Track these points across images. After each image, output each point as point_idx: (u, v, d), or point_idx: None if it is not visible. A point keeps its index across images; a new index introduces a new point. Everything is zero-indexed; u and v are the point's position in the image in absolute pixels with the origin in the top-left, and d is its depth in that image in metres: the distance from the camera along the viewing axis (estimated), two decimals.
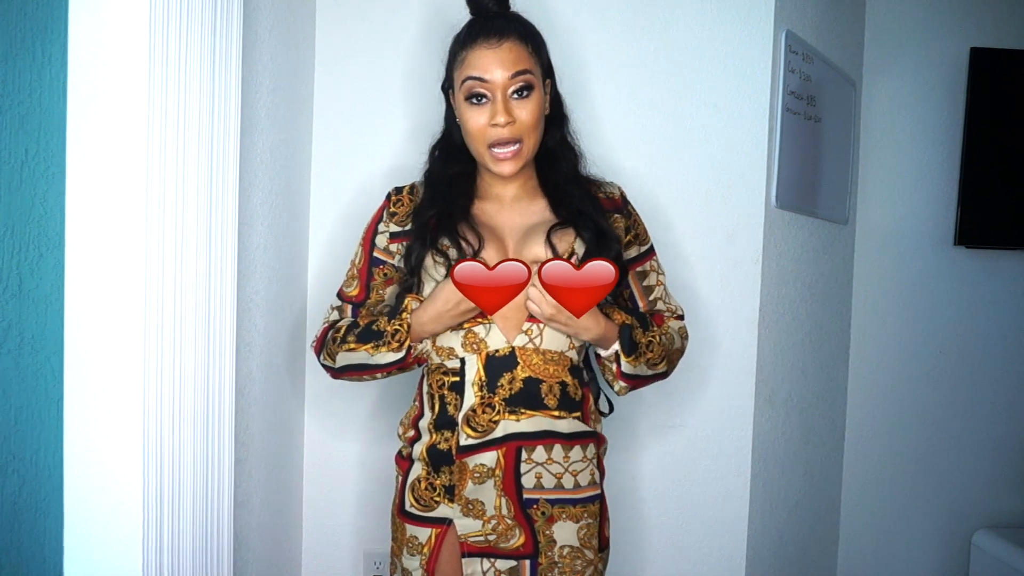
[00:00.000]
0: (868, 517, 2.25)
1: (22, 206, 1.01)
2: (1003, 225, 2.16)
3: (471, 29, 1.24)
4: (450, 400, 1.25)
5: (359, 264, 1.33)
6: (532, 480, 1.24)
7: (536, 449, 1.23)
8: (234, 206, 1.21)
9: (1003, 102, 2.13)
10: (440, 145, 1.34)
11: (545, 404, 1.23)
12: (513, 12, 1.27)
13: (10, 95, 0.99)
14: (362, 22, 1.66)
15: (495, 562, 1.25)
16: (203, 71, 1.12)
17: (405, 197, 1.32)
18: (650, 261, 1.35)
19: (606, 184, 1.35)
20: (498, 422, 1.22)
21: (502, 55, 1.19)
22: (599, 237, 1.24)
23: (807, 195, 1.87)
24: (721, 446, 1.69)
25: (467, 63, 1.21)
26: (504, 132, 1.21)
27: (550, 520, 1.24)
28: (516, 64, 1.20)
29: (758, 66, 1.65)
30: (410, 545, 1.27)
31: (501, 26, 1.21)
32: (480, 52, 1.20)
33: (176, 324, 1.10)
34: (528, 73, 1.21)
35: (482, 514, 1.24)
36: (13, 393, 1.02)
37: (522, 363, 1.23)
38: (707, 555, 1.70)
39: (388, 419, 1.69)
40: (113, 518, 1.06)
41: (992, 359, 2.22)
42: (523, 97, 1.21)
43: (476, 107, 1.22)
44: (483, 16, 1.24)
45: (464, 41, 1.23)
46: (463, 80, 1.22)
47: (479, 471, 1.23)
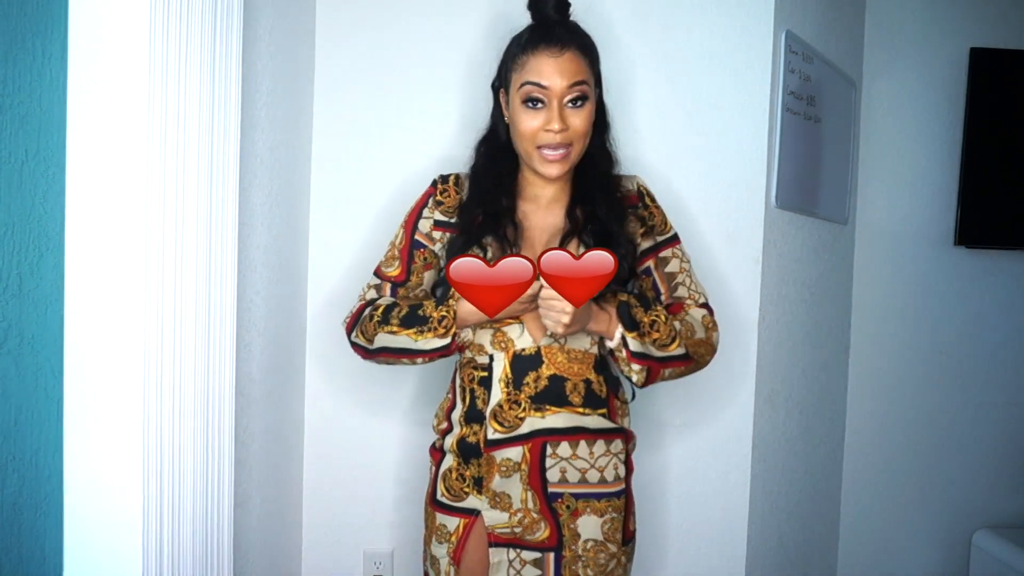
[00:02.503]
0: (868, 517, 2.25)
1: (22, 206, 1.01)
2: (1003, 225, 2.16)
3: (533, 34, 1.26)
4: (479, 394, 1.29)
5: (400, 245, 1.35)
6: (557, 474, 1.27)
7: (561, 444, 1.26)
8: (234, 206, 1.21)
9: (1003, 102, 2.13)
10: (486, 141, 1.36)
11: (570, 401, 1.27)
12: (572, 21, 1.29)
13: (10, 95, 0.99)
14: (362, 22, 1.66)
15: (520, 552, 1.29)
16: (203, 71, 1.12)
17: (451, 188, 1.34)
18: (672, 248, 1.35)
19: (625, 180, 1.36)
20: (524, 418, 1.26)
21: (563, 64, 1.22)
22: (607, 242, 1.25)
23: (807, 195, 1.87)
24: (721, 446, 1.68)
25: (527, 68, 1.24)
26: (556, 137, 1.24)
27: (575, 514, 1.28)
28: (575, 75, 1.23)
29: (758, 66, 1.65)
30: (439, 533, 1.31)
31: (563, 36, 1.24)
32: (542, 59, 1.23)
33: (176, 324, 1.10)
34: (584, 84, 1.24)
35: (508, 507, 1.28)
36: (13, 393, 1.02)
37: (547, 362, 1.26)
38: (707, 555, 1.70)
39: (388, 419, 1.69)
40: (113, 518, 1.06)
41: (992, 359, 2.22)
42: (577, 107, 1.24)
43: (532, 111, 1.24)
44: (544, 23, 1.27)
45: (525, 45, 1.25)
46: (521, 84, 1.24)
47: (506, 465, 1.27)
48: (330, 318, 1.69)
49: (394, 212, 1.66)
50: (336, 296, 1.69)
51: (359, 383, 1.69)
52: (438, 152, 1.64)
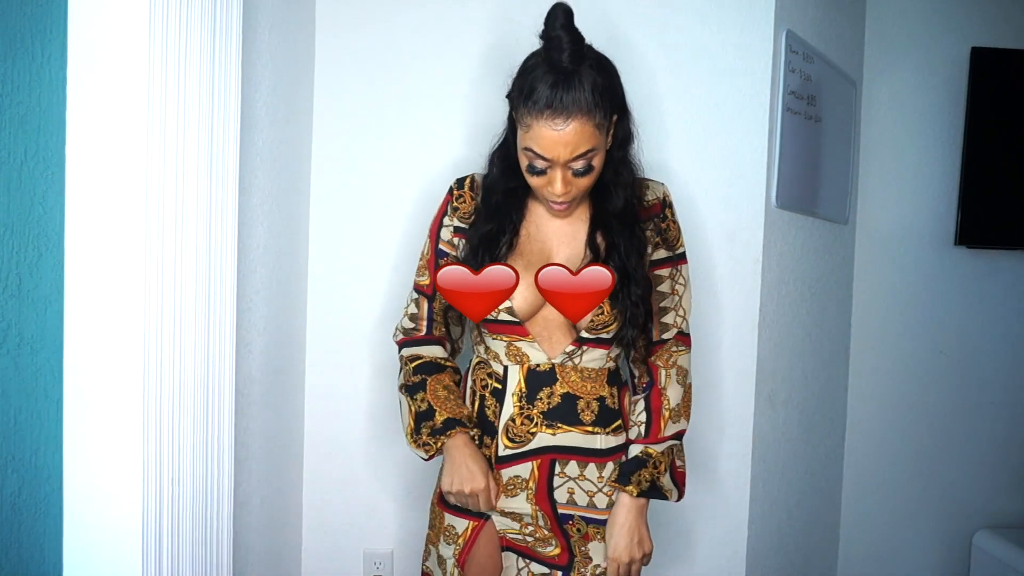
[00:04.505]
0: (868, 517, 2.25)
1: (21, 206, 1.01)
2: (1004, 225, 2.16)
3: (539, 90, 1.14)
4: (489, 404, 1.29)
5: (427, 255, 1.34)
6: (564, 495, 1.27)
7: (570, 463, 1.27)
8: (234, 206, 1.21)
9: (1004, 102, 2.13)
10: (499, 153, 1.30)
11: (581, 420, 1.26)
12: (586, 66, 1.15)
13: (9, 94, 0.99)
14: (362, 21, 1.66)
15: (530, 564, 1.30)
16: (203, 70, 1.12)
17: (467, 193, 1.32)
18: (671, 268, 1.32)
19: (654, 186, 1.32)
20: (535, 434, 1.26)
21: (567, 137, 1.13)
22: (623, 277, 1.23)
23: (807, 195, 1.87)
24: (721, 446, 1.68)
25: (530, 132, 1.15)
26: (560, 197, 1.19)
27: (585, 537, 1.29)
28: (579, 147, 1.15)
29: (758, 66, 1.64)
30: (447, 534, 1.32)
31: (568, 105, 1.12)
32: (544, 132, 1.14)
33: (176, 324, 1.09)
34: (590, 152, 1.16)
35: (519, 519, 1.29)
36: (12, 393, 1.02)
37: (560, 379, 1.26)
38: (707, 555, 1.70)
39: (388, 420, 1.69)
40: (113, 518, 1.06)
41: (992, 359, 2.22)
42: (580, 173, 1.18)
43: (534, 173, 1.19)
44: (555, 71, 1.14)
45: (529, 103, 1.14)
46: (524, 146, 1.17)
47: (513, 483, 1.27)
48: (330, 318, 1.69)
49: (394, 212, 1.67)
50: (336, 296, 1.69)
51: (359, 383, 1.69)
52: (439, 152, 1.64)
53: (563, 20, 1.13)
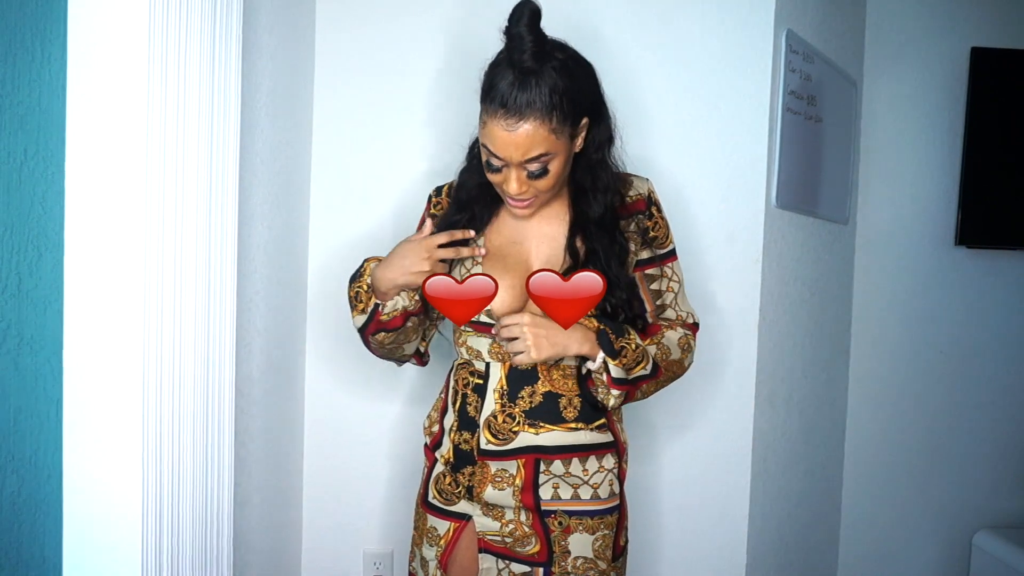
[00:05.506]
0: (868, 517, 2.25)
1: (21, 206, 1.01)
2: (1004, 225, 2.16)
3: (497, 88, 1.12)
4: (471, 400, 1.28)
5: None
6: (549, 491, 1.26)
7: (554, 462, 1.26)
8: (234, 206, 1.21)
9: (1004, 102, 2.13)
10: (475, 149, 1.30)
11: (564, 418, 1.25)
12: (548, 68, 1.12)
13: (9, 94, 0.99)
14: (362, 22, 1.66)
15: (509, 564, 1.28)
16: (203, 71, 1.12)
17: (444, 200, 1.33)
18: (664, 266, 1.30)
19: (637, 182, 1.30)
20: (518, 432, 1.25)
21: (518, 139, 1.12)
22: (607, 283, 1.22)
23: (807, 195, 1.87)
24: (721, 446, 1.68)
25: (486, 129, 1.15)
26: (516, 196, 1.19)
27: (566, 531, 1.27)
28: (531, 149, 1.13)
29: (758, 66, 1.64)
30: (430, 535, 1.31)
31: (522, 105, 1.11)
32: (496, 131, 1.13)
33: (176, 324, 1.09)
34: (544, 156, 1.14)
35: (500, 516, 1.27)
36: (12, 393, 1.02)
37: (543, 378, 1.25)
38: (707, 555, 1.70)
39: (388, 420, 1.69)
40: (113, 518, 1.06)
41: (992, 359, 2.22)
42: (536, 176, 1.17)
43: (491, 171, 1.19)
44: (515, 69, 1.12)
45: (487, 99, 1.14)
46: (482, 143, 1.17)
47: (500, 475, 1.26)
48: (330, 318, 1.69)
49: (394, 212, 1.67)
50: (336, 296, 1.68)
51: (359, 382, 1.70)
52: (438, 152, 1.64)
53: (528, 19, 1.10)
